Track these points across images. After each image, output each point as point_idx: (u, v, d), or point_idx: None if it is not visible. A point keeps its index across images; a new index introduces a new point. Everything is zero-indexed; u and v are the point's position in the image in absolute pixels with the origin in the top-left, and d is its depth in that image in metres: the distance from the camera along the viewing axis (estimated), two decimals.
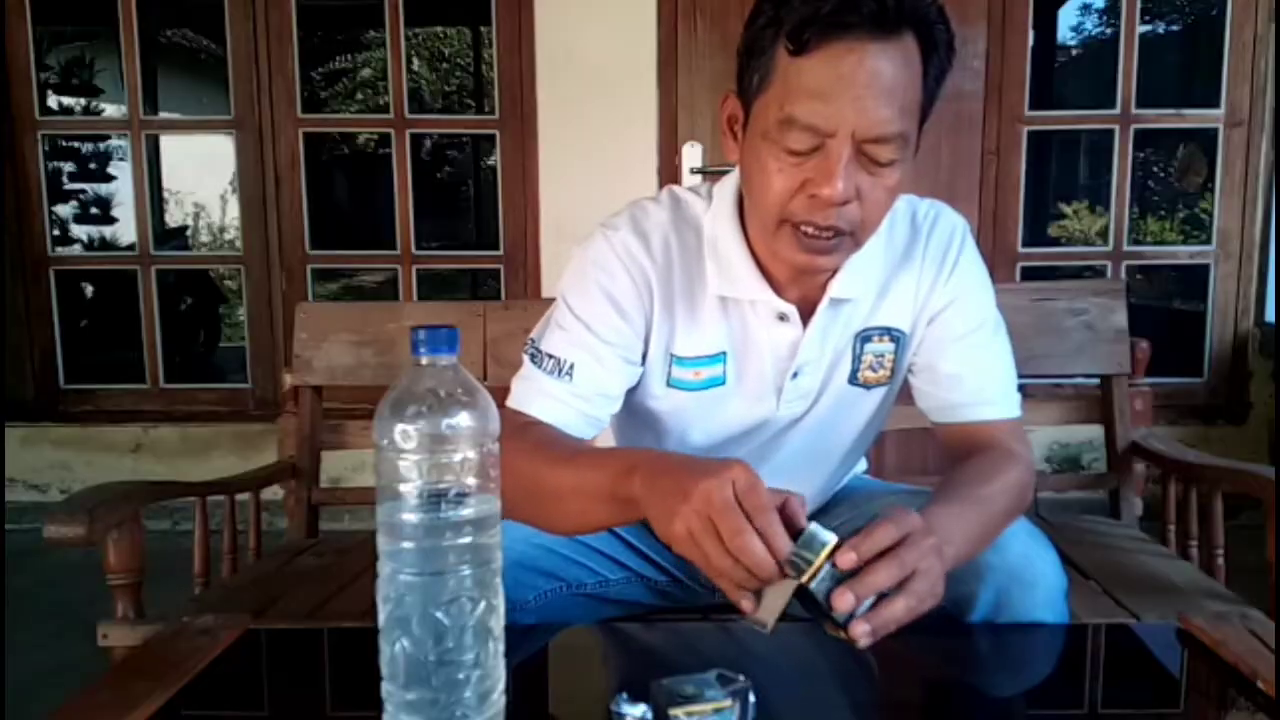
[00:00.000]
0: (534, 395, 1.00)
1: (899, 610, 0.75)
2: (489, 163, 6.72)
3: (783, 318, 1.01)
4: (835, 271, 1.00)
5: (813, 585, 0.74)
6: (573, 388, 0.99)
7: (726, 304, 1.03)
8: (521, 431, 0.96)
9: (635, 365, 1.03)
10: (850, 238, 0.91)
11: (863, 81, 0.84)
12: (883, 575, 0.74)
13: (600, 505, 0.85)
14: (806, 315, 1.02)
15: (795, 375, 1.04)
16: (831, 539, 0.75)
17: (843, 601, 0.73)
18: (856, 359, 1.06)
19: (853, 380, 1.07)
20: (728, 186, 1.03)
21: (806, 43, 0.84)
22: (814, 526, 0.76)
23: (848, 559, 0.74)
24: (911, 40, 0.86)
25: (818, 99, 0.84)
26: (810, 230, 0.89)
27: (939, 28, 0.88)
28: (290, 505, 1.66)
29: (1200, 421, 3.02)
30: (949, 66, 0.91)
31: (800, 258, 0.92)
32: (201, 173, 7.12)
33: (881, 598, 0.75)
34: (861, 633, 0.73)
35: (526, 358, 1.04)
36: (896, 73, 0.85)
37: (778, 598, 0.74)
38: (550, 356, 1.01)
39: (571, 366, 0.99)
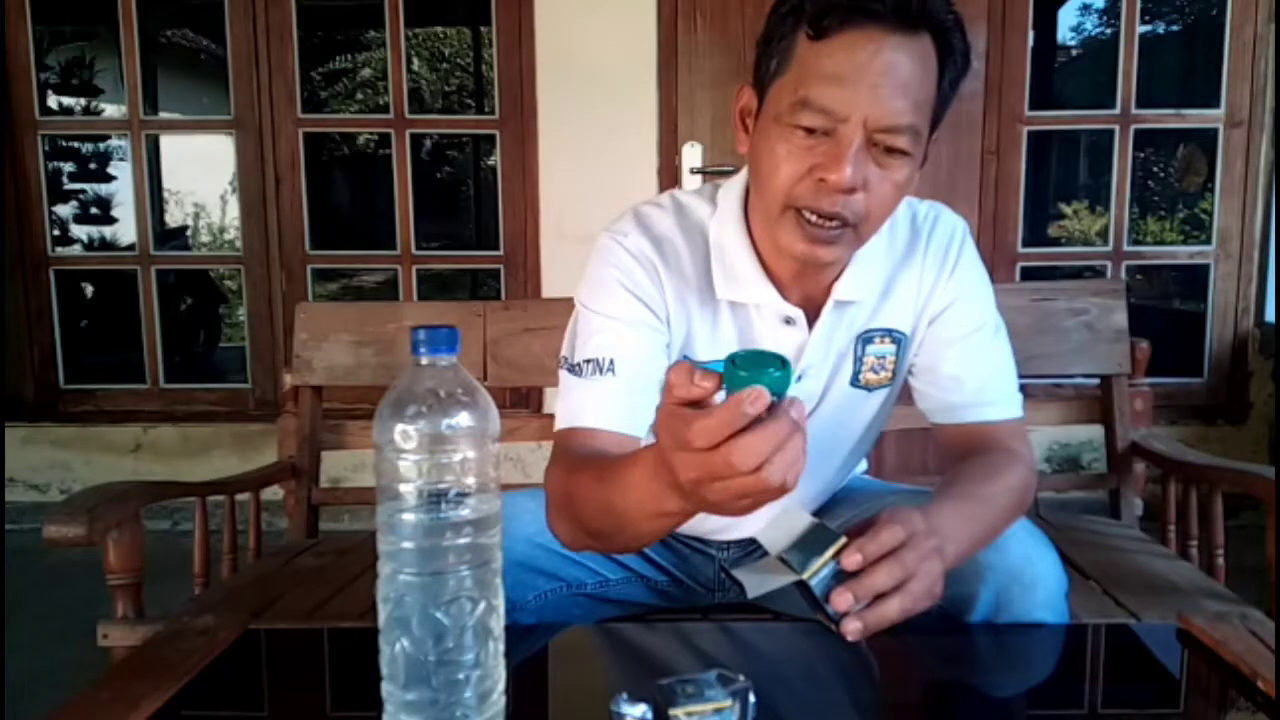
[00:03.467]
0: (580, 407, 0.97)
1: (893, 610, 0.75)
2: (489, 163, 6.71)
3: (789, 321, 1.01)
4: (840, 272, 1.01)
5: (813, 582, 0.74)
6: (618, 382, 0.96)
7: (734, 308, 1.03)
8: (559, 464, 0.93)
9: (666, 356, 1.01)
10: (853, 230, 0.91)
11: (879, 70, 0.84)
12: (883, 576, 0.74)
13: (656, 522, 0.77)
14: (811, 318, 1.02)
15: (799, 378, 1.04)
16: (839, 540, 0.75)
17: (842, 601, 0.73)
18: (858, 361, 1.06)
19: (854, 382, 1.07)
20: (733, 190, 1.03)
21: (827, 29, 0.85)
22: (820, 524, 0.77)
23: (853, 560, 0.74)
24: (929, 42, 0.87)
25: (834, 83, 0.85)
26: (814, 218, 0.89)
27: (956, 35, 0.89)
28: (290, 505, 1.66)
29: (1200, 421, 3.02)
30: (963, 76, 0.91)
31: (800, 246, 0.91)
32: (201, 173, 7.11)
33: (878, 595, 0.75)
34: (853, 629, 0.74)
35: (563, 375, 1.01)
36: (913, 67, 0.86)
37: (772, 580, 0.75)
38: (587, 361, 0.97)
39: (611, 362, 0.96)
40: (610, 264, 1.01)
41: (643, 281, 1.00)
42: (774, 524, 0.78)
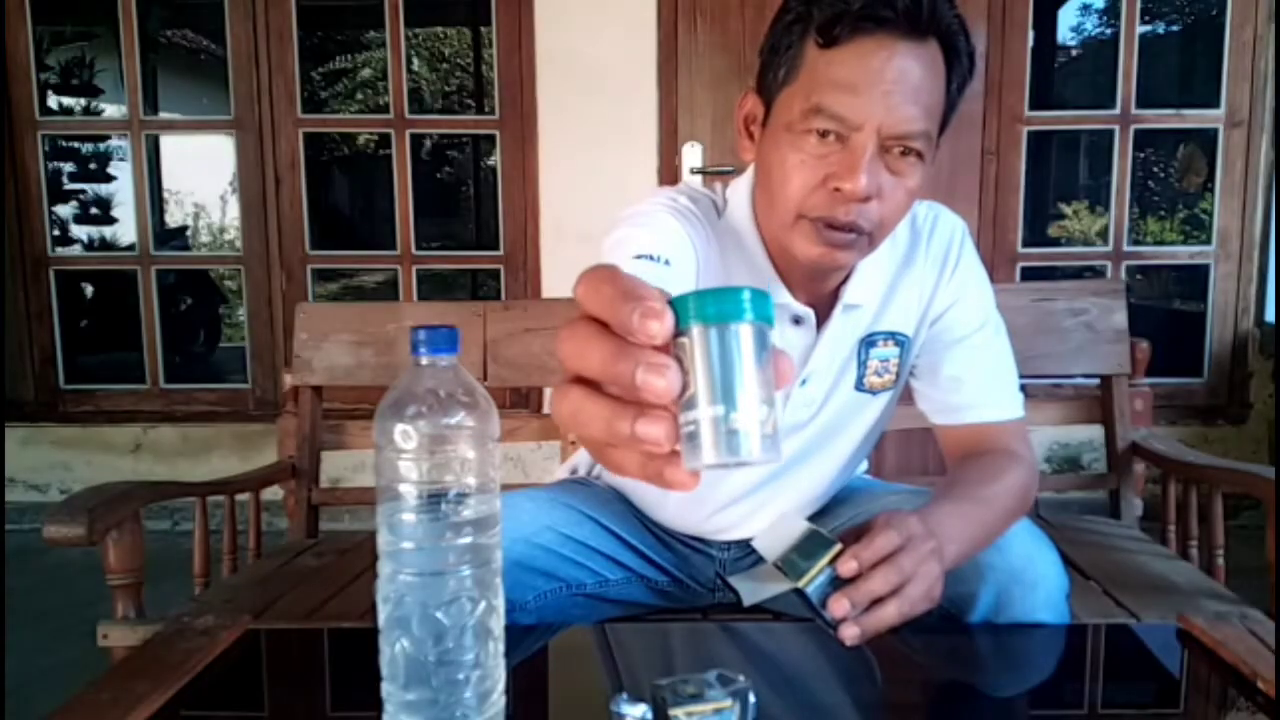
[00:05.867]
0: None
1: (890, 614, 0.75)
2: (489, 163, 6.71)
3: (797, 321, 1.01)
4: (847, 276, 1.00)
5: (809, 589, 0.74)
6: (670, 271, 0.83)
7: None
8: None
9: None
10: (867, 238, 0.91)
11: (891, 77, 0.84)
12: (879, 582, 0.74)
13: None
14: (818, 322, 1.02)
15: (804, 382, 1.04)
16: (834, 546, 0.75)
17: (839, 608, 0.73)
18: (862, 365, 1.06)
19: (859, 386, 1.07)
20: (741, 190, 1.02)
21: (837, 37, 0.85)
22: (816, 530, 0.77)
23: (849, 567, 0.74)
24: (937, 48, 0.87)
25: (847, 91, 0.85)
26: (829, 225, 0.89)
27: (962, 40, 0.89)
28: (290, 505, 1.66)
29: (1200, 421, 3.02)
30: (969, 80, 0.92)
31: (816, 250, 0.91)
32: (201, 173, 7.11)
33: (875, 600, 0.75)
34: (850, 635, 0.74)
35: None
36: (923, 73, 0.86)
37: (768, 588, 0.75)
38: (638, 257, 0.84)
39: (667, 261, 0.85)
40: (660, 200, 0.97)
41: (693, 220, 0.97)
42: (770, 531, 0.78)
